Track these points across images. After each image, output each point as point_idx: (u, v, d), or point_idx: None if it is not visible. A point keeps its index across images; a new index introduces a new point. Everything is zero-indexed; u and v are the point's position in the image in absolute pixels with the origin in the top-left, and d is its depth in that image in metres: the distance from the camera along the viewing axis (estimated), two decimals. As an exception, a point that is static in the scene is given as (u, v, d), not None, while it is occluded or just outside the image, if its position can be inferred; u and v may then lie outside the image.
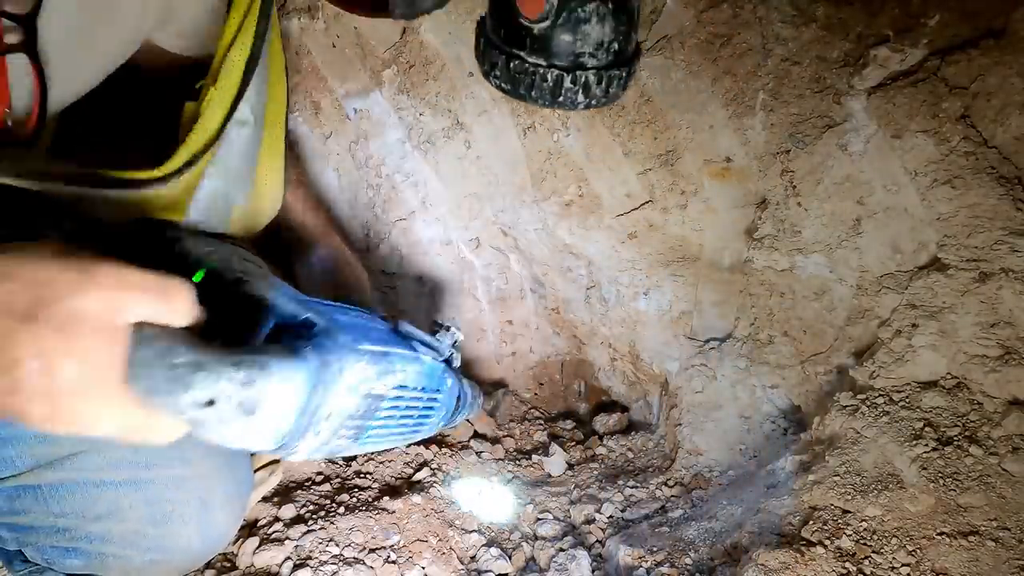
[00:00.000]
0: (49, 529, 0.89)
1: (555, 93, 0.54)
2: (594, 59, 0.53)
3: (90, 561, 0.91)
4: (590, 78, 0.53)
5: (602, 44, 0.53)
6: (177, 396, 0.49)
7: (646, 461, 1.39)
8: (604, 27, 0.52)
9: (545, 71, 0.53)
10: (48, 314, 0.46)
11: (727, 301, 1.27)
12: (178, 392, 0.48)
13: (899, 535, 0.88)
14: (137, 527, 0.90)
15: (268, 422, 0.54)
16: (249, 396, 0.51)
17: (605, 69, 0.54)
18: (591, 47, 0.52)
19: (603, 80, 0.54)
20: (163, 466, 0.92)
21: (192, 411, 0.49)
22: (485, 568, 1.15)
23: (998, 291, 0.94)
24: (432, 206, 1.45)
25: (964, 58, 0.93)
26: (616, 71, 0.55)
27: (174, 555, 0.94)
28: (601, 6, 0.51)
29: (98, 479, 0.88)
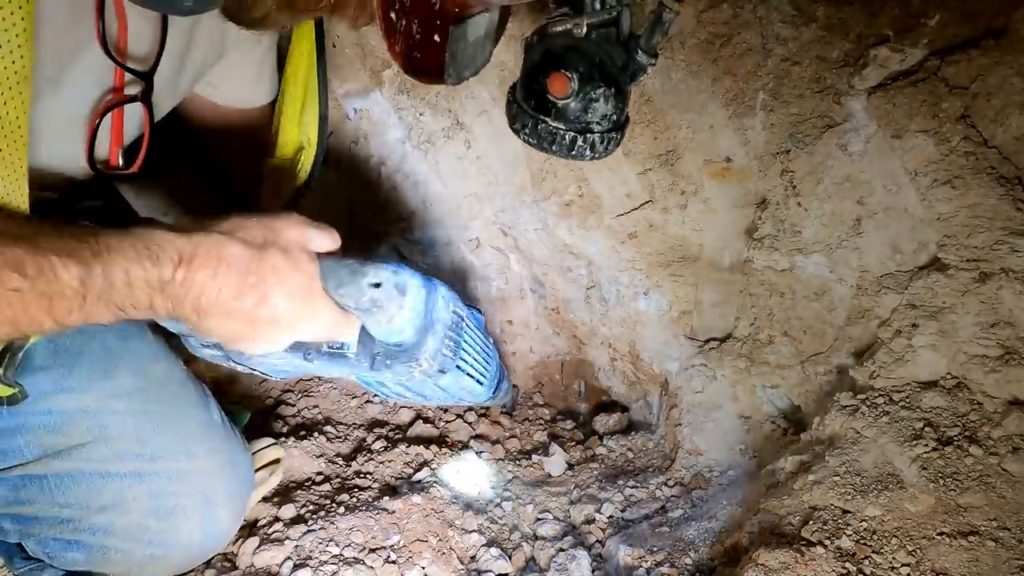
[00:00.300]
0: (53, 520, 0.90)
1: (571, 148, 0.73)
2: (599, 126, 0.73)
3: (91, 555, 0.92)
4: (596, 139, 0.73)
5: (606, 116, 0.72)
6: (358, 281, 0.70)
7: (646, 461, 1.39)
8: (608, 104, 0.71)
9: (564, 132, 0.72)
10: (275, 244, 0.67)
11: (727, 301, 1.27)
12: (358, 278, 0.70)
13: (899, 535, 0.88)
14: (140, 520, 0.91)
15: (414, 302, 0.73)
16: (399, 279, 0.72)
17: (607, 132, 0.73)
18: (598, 117, 0.72)
19: (605, 140, 0.73)
20: (168, 459, 0.93)
21: (369, 292, 0.70)
22: (485, 568, 1.15)
23: (998, 291, 0.94)
24: (432, 206, 1.45)
25: (964, 58, 0.93)
26: (614, 134, 0.74)
27: (175, 550, 0.94)
28: (607, 90, 0.70)
29: (104, 470, 0.90)
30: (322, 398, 1.48)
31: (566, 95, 0.69)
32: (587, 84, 0.69)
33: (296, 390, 1.50)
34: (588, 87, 0.69)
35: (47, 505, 0.89)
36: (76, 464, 0.89)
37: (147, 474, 0.92)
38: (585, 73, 0.69)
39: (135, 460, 0.91)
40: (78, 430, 0.89)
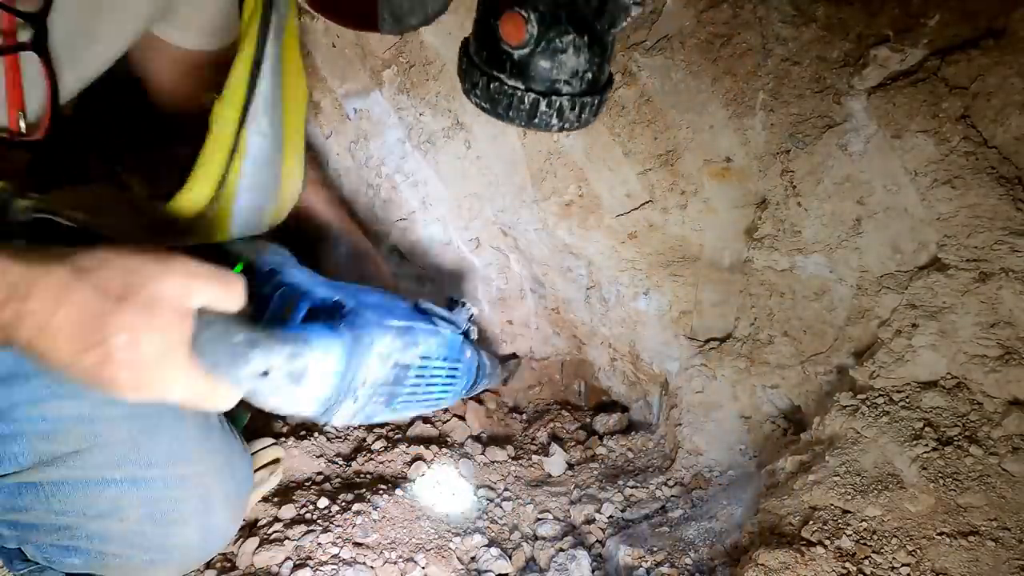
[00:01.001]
0: (50, 527, 0.89)
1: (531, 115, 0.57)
2: (569, 86, 0.57)
3: (90, 560, 0.91)
4: (564, 103, 0.57)
5: (577, 73, 0.56)
6: (238, 368, 0.57)
7: (646, 461, 1.39)
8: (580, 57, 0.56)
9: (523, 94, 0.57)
10: (136, 296, 0.55)
11: (727, 301, 1.27)
12: (239, 365, 0.57)
13: (899, 535, 0.88)
14: (137, 526, 0.90)
15: (313, 389, 0.62)
16: (296, 367, 0.60)
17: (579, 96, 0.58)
18: (567, 75, 0.56)
19: (576, 106, 0.58)
20: (164, 465, 0.92)
21: (249, 381, 0.58)
22: (485, 568, 1.15)
23: (998, 291, 0.94)
24: (432, 206, 1.45)
25: (964, 58, 0.93)
26: (589, 98, 0.59)
27: (174, 555, 0.94)
28: (578, 38, 0.55)
29: (99, 477, 0.88)
30: (322, 398, 1.48)
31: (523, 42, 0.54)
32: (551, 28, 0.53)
33: (296, 390, 1.50)
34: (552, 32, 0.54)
35: (44, 512, 0.88)
36: (71, 472, 0.87)
37: (142, 480, 0.90)
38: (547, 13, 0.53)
39: (130, 466, 0.89)
40: (72, 437, 0.87)
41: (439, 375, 0.81)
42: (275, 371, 0.59)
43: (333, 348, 0.64)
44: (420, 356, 0.75)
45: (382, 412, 0.72)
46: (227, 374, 0.58)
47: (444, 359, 0.82)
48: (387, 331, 0.70)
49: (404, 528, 1.19)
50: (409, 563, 1.13)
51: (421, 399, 0.79)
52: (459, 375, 0.88)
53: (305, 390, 0.62)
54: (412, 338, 0.74)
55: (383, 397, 0.70)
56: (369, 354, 0.67)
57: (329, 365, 0.63)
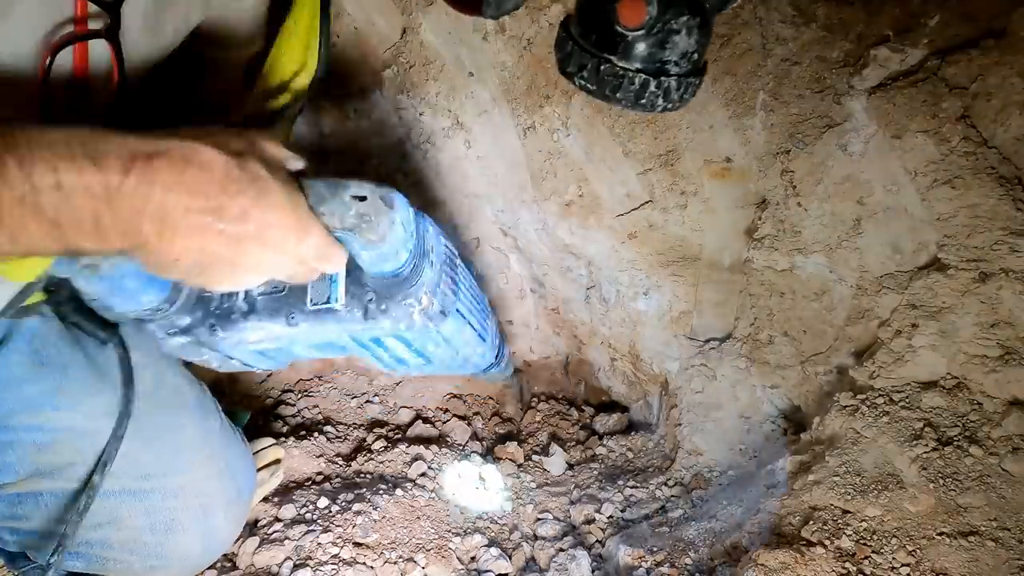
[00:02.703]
0: (50, 534, 0.89)
1: (639, 96, 0.59)
2: (677, 67, 0.59)
3: (91, 564, 0.92)
4: (672, 84, 0.59)
5: (686, 54, 0.59)
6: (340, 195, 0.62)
7: (646, 461, 1.39)
8: (691, 39, 0.58)
9: (633, 75, 0.58)
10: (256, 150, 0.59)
11: (727, 301, 1.27)
12: (340, 192, 0.62)
13: (899, 535, 0.88)
14: (136, 535, 0.90)
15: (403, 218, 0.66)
16: (384, 192, 0.64)
17: (685, 76, 0.60)
18: (677, 56, 0.58)
19: (682, 86, 0.60)
20: (160, 476, 0.91)
21: (354, 205, 0.62)
22: (485, 568, 1.15)
23: (998, 291, 0.94)
24: (432, 206, 1.45)
25: (964, 58, 0.93)
26: (693, 78, 0.61)
27: (174, 562, 0.94)
28: (691, 19, 0.57)
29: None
30: (322, 398, 1.48)
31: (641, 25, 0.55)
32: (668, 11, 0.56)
33: (296, 390, 1.50)
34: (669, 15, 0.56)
35: (43, 521, 0.88)
36: (68, 484, 0.87)
37: (140, 492, 0.90)
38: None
39: (127, 479, 0.89)
40: (67, 449, 0.87)
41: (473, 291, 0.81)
42: (369, 195, 0.63)
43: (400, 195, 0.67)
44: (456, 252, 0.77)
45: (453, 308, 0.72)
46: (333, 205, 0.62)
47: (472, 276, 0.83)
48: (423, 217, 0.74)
49: (404, 528, 1.19)
50: (409, 563, 1.13)
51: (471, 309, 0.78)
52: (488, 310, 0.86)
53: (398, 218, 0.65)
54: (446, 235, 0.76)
55: (448, 279, 0.72)
56: (425, 219, 0.71)
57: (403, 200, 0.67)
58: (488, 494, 1.31)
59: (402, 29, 1.24)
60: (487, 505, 1.29)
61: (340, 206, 0.62)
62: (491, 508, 1.28)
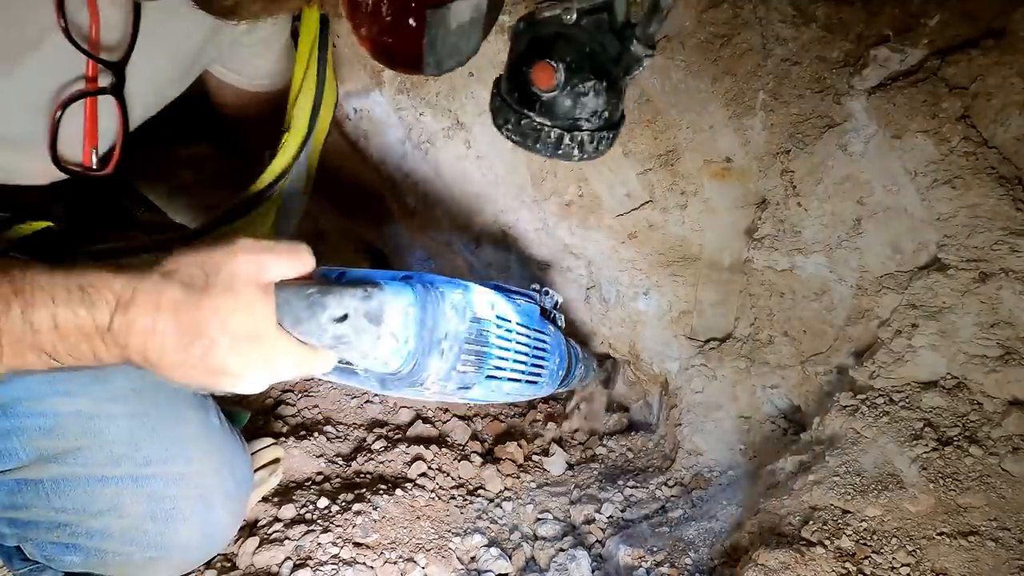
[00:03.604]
0: (50, 524, 0.89)
1: (556, 147, 0.66)
2: (589, 123, 0.66)
3: (89, 558, 0.92)
4: (584, 137, 0.66)
5: (596, 112, 0.65)
6: (317, 317, 0.59)
7: (646, 461, 1.39)
8: (598, 99, 0.64)
9: (549, 129, 0.65)
10: (216, 281, 0.58)
11: (727, 301, 1.27)
12: (317, 313, 0.59)
13: (899, 535, 0.88)
14: (137, 523, 0.90)
15: (394, 330, 0.62)
16: (371, 306, 0.60)
17: (597, 131, 0.66)
18: (587, 114, 0.65)
19: (595, 140, 0.67)
20: (164, 463, 0.92)
21: (331, 328, 0.59)
22: (485, 568, 1.15)
23: (998, 291, 0.94)
24: (432, 206, 1.45)
25: (964, 58, 0.93)
26: (605, 133, 0.67)
27: (174, 553, 0.94)
28: (597, 84, 0.63)
29: (99, 474, 0.89)
30: (322, 398, 1.48)
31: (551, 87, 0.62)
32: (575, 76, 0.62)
33: (296, 390, 1.50)
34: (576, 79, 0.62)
35: (43, 510, 0.89)
36: (71, 468, 0.88)
37: (143, 478, 0.91)
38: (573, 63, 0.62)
39: (130, 464, 0.90)
40: (72, 433, 0.88)
41: (525, 343, 0.77)
42: (352, 313, 0.59)
43: (404, 290, 0.64)
44: (497, 316, 0.72)
45: (478, 380, 0.69)
46: (308, 326, 0.59)
47: (525, 325, 0.78)
48: (456, 286, 0.70)
49: (404, 528, 1.19)
50: (409, 563, 1.13)
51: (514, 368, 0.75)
52: (548, 351, 0.82)
53: (387, 331, 0.61)
54: (484, 296, 0.72)
55: (472, 357, 0.68)
56: (442, 302, 0.66)
57: (404, 304, 0.63)
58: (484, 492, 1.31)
59: (402, 29, 1.24)
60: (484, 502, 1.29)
61: (316, 328, 0.59)
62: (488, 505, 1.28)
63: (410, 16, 0.50)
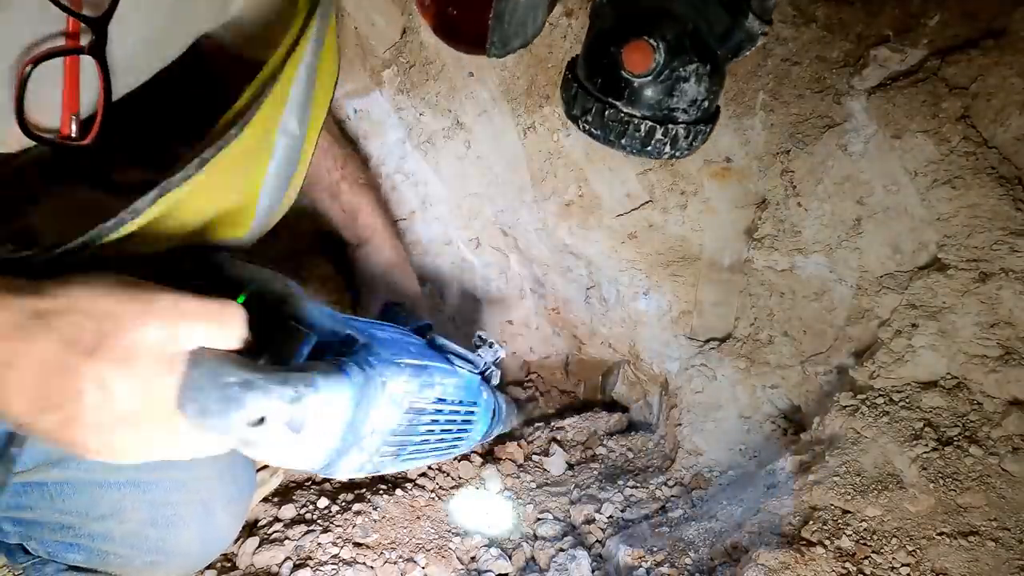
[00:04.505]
0: (54, 525, 0.90)
1: (645, 143, 0.56)
2: (686, 114, 0.56)
3: (91, 557, 0.92)
4: (680, 131, 0.56)
5: (695, 101, 0.56)
6: (228, 416, 0.49)
7: (646, 461, 1.39)
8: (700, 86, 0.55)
9: (639, 122, 0.56)
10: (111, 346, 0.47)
11: (727, 301, 1.27)
12: (230, 411, 0.49)
13: (899, 535, 0.88)
14: (138, 528, 0.91)
15: (316, 439, 0.54)
16: (296, 414, 0.51)
17: (694, 124, 0.57)
18: (686, 103, 0.56)
19: (691, 134, 0.57)
20: (166, 469, 0.92)
21: (242, 431, 0.50)
22: (485, 568, 1.15)
23: (998, 291, 0.94)
24: (432, 206, 1.45)
25: (964, 58, 0.93)
26: (703, 126, 0.58)
27: (174, 557, 0.94)
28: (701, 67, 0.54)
29: (102, 479, 0.89)
30: (322, 398, 1.48)
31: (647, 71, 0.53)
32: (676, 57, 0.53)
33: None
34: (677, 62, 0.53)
35: (47, 511, 0.89)
36: (75, 473, 0.88)
37: (144, 483, 0.90)
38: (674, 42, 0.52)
39: (133, 470, 0.90)
40: None
41: (454, 420, 0.73)
42: (272, 419, 0.51)
43: (341, 391, 0.55)
44: (435, 399, 0.67)
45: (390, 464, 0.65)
46: (217, 423, 0.50)
47: (460, 402, 0.74)
48: (401, 371, 0.63)
49: (404, 528, 1.19)
50: (409, 563, 1.13)
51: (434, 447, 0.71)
52: (475, 420, 0.79)
53: (307, 441, 0.54)
54: (428, 378, 0.66)
55: (393, 447, 0.63)
56: (380, 397, 0.60)
57: (336, 411, 0.55)
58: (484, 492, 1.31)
59: (402, 29, 1.24)
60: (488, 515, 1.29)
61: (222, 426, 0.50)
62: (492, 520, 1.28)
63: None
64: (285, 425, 0.51)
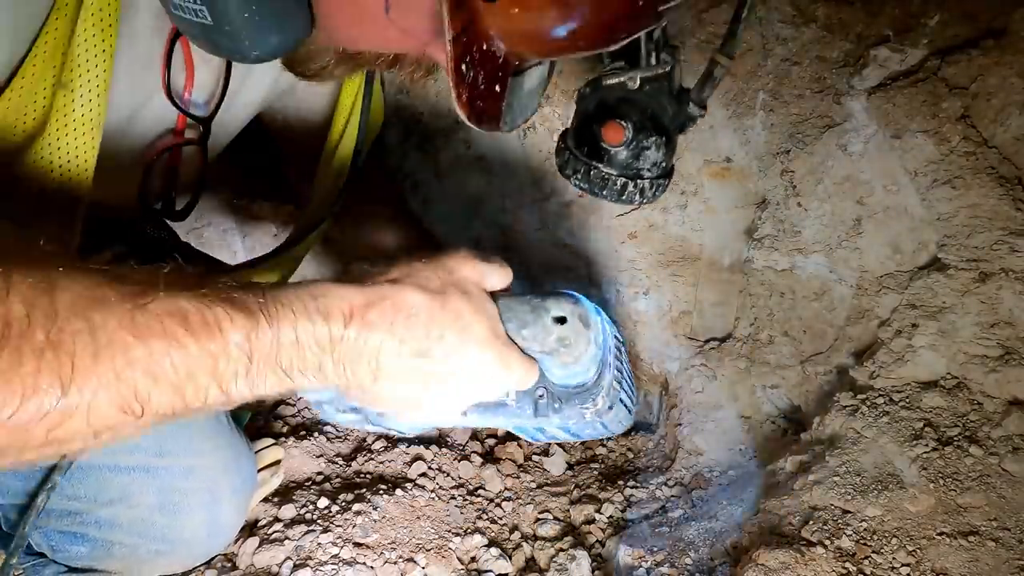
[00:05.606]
0: (61, 512, 0.90)
1: (621, 193, 0.75)
2: (650, 172, 0.75)
3: (96, 549, 0.92)
4: (646, 185, 0.75)
5: (656, 163, 0.75)
6: (542, 319, 0.63)
7: (646, 461, 1.39)
8: (659, 152, 0.74)
9: (616, 178, 0.74)
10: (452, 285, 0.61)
11: (727, 301, 1.27)
12: (541, 316, 0.63)
13: (899, 535, 0.88)
14: (146, 514, 0.92)
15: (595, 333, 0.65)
16: (581, 311, 0.65)
17: (656, 179, 0.76)
18: (649, 164, 0.74)
19: (654, 186, 0.76)
20: (175, 455, 0.93)
21: (555, 330, 0.62)
22: (485, 568, 1.15)
23: (998, 291, 0.94)
24: (432, 206, 1.46)
25: (964, 58, 0.93)
26: (663, 180, 0.77)
27: (179, 546, 0.95)
28: (658, 139, 0.73)
29: (112, 463, 0.90)
30: (322, 398, 1.48)
31: (620, 143, 0.71)
32: (640, 133, 0.72)
33: (296, 390, 1.50)
34: (641, 136, 0.72)
35: (56, 497, 0.89)
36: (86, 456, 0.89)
37: (155, 469, 0.91)
38: (639, 123, 0.72)
39: (143, 454, 0.91)
40: None
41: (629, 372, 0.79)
42: (569, 315, 0.63)
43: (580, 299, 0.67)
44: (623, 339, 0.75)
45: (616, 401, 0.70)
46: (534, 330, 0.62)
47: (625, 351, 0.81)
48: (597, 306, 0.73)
49: (404, 528, 1.19)
50: (409, 563, 1.13)
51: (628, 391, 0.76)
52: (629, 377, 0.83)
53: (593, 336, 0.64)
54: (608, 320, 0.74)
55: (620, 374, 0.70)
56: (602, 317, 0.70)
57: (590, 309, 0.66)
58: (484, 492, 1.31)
59: (402, 29, 1.24)
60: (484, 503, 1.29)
61: (541, 331, 0.63)
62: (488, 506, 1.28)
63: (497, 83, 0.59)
64: (578, 319, 0.63)
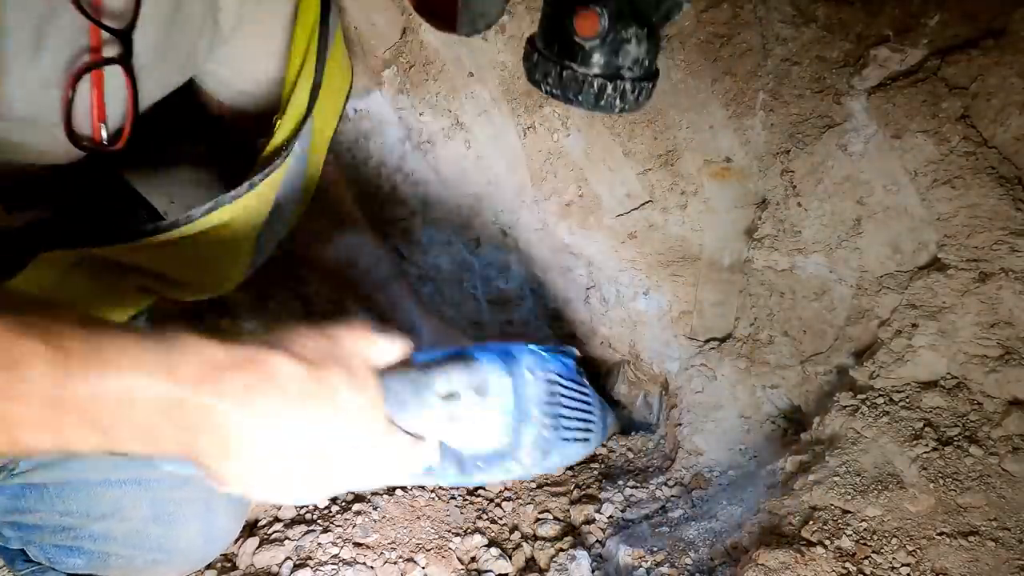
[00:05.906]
0: (54, 528, 0.89)
1: (598, 98, 0.65)
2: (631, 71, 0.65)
3: (92, 561, 0.92)
4: (627, 87, 0.65)
5: (638, 60, 0.65)
6: (424, 398, 0.56)
7: (646, 461, 1.39)
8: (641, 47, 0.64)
9: (592, 79, 0.64)
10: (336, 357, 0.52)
11: (727, 301, 1.27)
12: (424, 394, 0.57)
13: (899, 535, 0.88)
14: (140, 526, 0.91)
15: (498, 403, 0.60)
16: (475, 378, 0.59)
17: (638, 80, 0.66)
18: (630, 62, 0.64)
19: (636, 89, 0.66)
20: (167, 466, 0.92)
21: (440, 407, 0.57)
22: (485, 568, 1.15)
23: (998, 291, 0.94)
24: (432, 206, 1.45)
25: (964, 58, 0.93)
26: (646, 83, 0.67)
27: (176, 556, 0.94)
28: (639, 31, 0.63)
29: (103, 478, 0.89)
30: (322, 398, 1.48)
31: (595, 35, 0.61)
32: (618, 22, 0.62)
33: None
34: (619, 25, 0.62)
35: (47, 513, 0.88)
36: (75, 473, 0.88)
37: (147, 481, 0.90)
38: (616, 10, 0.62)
39: (134, 467, 0.90)
40: None
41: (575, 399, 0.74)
42: (461, 388, 0.57)
43: (493, 359, 0.61)
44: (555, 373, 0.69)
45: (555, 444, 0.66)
46: (418, 410, 0.56)
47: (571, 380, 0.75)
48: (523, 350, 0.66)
49: (404, 528, 1.19)
50: (409, 563, 1.13)
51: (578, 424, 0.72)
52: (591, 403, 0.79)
53: (492, 405, 0.59)
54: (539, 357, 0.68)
55: (549, 420, 0.65)
56: (520, 368, 0.63)
57: (500, 372, 0.60)
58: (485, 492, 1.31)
59: (402, 29, 1.24)
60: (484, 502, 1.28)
61: (425, 410, 0.56)
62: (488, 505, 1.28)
63: None
64: (473, 392, 0.58)
